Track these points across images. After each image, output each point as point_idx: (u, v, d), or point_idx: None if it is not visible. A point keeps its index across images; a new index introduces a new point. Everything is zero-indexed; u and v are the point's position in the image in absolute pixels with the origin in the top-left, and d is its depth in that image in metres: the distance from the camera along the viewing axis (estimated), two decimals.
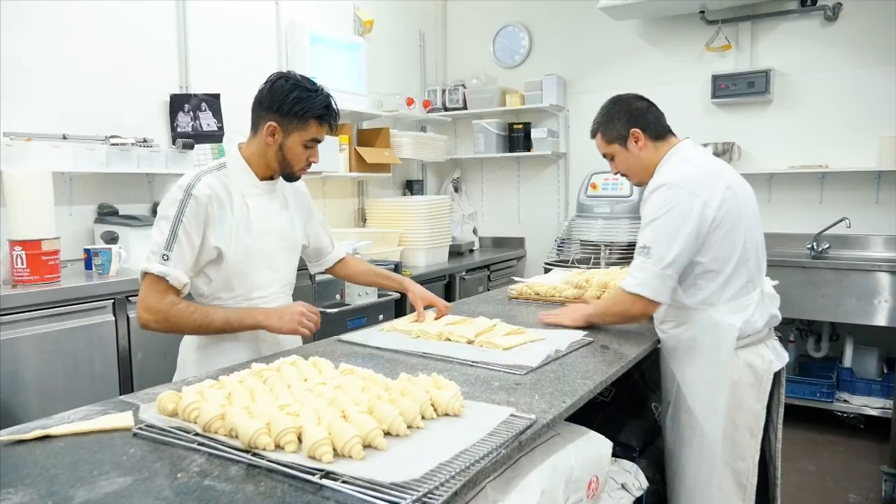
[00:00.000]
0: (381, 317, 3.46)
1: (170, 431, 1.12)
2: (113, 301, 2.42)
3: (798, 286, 3.59)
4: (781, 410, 1.96)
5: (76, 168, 2.74)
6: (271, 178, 1.78)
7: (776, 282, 1.96)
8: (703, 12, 4.17)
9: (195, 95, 3.37)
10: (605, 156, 2.01)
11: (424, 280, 3.97)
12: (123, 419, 1.19)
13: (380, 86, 4.54)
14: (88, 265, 2.61)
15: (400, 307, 3.72)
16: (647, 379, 2.18)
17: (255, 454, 1.02)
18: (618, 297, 1.85)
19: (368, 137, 4.41)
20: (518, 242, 5.10)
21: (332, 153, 3.90)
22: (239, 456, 1.02)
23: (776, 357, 1.85)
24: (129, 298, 2.45)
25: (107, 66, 3.02)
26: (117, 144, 2.88)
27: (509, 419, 1.17)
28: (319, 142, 1.71)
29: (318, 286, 3.22)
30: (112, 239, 2.80)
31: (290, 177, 1.76)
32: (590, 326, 1.95)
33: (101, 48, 3.00)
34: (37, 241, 2.27)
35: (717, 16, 4.17)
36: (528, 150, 4.78)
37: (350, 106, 4.03)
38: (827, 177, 4.00)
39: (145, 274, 1.61)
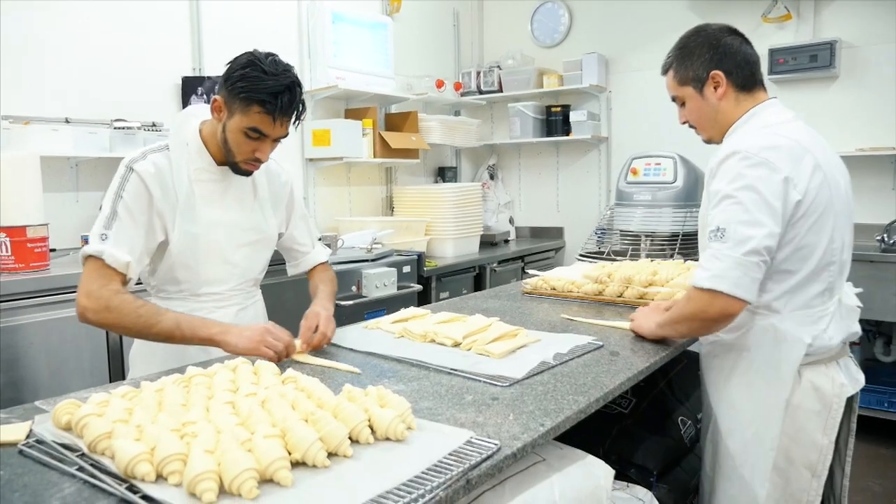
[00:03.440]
0: (402, 309, 3.26)
1: (55, 450, 0.95)
2: None
3: (865, 282, 3.13)
4: (852, 442, 1.59)
5: (77, 153, 2.65)
6: None
7: (859, 289, 1.60)
8: None
9: (209, 78, 3.24)
10: (674, 99, 1.67)
11: (451, 272, 3.75)
12: (16, 432, 1.02)
13: (409, 68, 4.32)
14: None
15: (423, 299, 3.52)
16: (674, 388, 1.90)
17: (131, 486, 0.83)
18: (689, 295, 1.47)
19: (396, 122, 4.21)
20: (557, 232, 4.82)
21: (355, 138, 3.72)
22: (114, 487, 0.84)
23: (849, 380, 1.50)
24: None
25: (115, 48, 2.92)
26: (121, 128, 2.77)
27: (463, 447, 0.95)
28: (266, 136, 1.47)
29: None
30: None
31: (235, 167, 1.54)
32: (664, 340, 1.60)
33: (110, 29, 2.90)
34: (21, 227, 2.17)
35: None
36: (567, 135, 4.47)
37: (375, 89, 3.84)
38: None
39: (86, 259, 1.45)
